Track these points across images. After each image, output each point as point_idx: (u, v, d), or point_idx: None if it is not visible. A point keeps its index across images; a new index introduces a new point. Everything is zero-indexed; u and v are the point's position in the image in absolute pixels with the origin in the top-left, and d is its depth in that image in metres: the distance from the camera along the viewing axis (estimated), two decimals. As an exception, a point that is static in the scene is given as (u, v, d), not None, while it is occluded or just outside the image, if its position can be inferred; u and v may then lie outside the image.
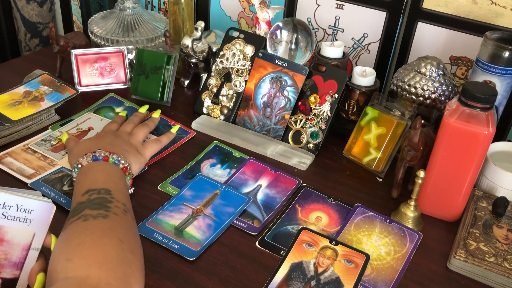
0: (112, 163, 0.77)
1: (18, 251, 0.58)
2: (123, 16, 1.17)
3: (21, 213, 0.57)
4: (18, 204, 0.57)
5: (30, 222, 0.58)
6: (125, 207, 0.68)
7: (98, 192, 0.68)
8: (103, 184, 0.71)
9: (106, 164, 0.76)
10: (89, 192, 0.68)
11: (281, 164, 0.93)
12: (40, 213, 0.58)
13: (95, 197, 0.67)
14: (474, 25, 1.01)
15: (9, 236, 0.57)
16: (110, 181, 0.73)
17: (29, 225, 0.58)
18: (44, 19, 1.63)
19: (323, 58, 1.02)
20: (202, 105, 1.05)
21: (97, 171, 0.74)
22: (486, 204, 0.82)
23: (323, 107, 0.96)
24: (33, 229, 0.58)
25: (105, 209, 0.65)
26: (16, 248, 0.57)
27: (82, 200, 0.67)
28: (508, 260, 0.72)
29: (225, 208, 0.81)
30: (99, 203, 0.65)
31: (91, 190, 0.69)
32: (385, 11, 1.08)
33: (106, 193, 0.68)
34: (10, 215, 0.57)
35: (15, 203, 0.57)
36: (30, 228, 0.58)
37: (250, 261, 0.73)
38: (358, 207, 0.83)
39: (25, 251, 0.58)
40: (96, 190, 0.68)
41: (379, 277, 0.71)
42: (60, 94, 1.02)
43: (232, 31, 1.05)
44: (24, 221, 0.58)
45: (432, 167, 0.80)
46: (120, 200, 0.69)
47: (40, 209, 0.58)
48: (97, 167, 0.75)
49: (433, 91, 0.92)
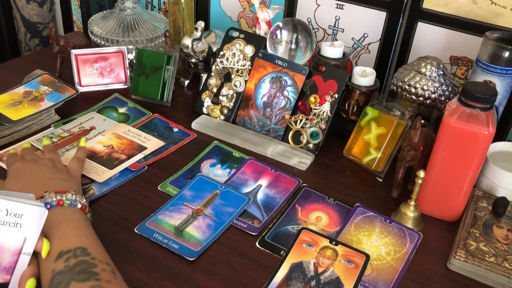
0: (68, 205, 0.65)
1: (9, 255, 0.57)
2: (123, 16, 1.17)
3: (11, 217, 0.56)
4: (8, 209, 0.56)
5: (21, 226, 0.57)
6: (109, 267, 0.59)
7: (74, 255, 0.58)
8: (74, 241, 0.60)
9: (64, 210, 0.65)
10: (63, 256, 0.58)
11: (281, 164, 0.93)
12: (31, 217, 0.57)
13: (73, 263, 0.57)
14: (474, 25, 1.01)
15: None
16: (80, 234, 0.62)
17: (20, 229, 0.57)
18: (44, 19, 1.63)
19: (323, 58, 1.02)
20: (202, 105, 1.05)
21: (58, 224, 0.62)
22: (486, 204, 0.82)
23: (323, 107, 0.96)
24: (24, 234, 0.57)
25: (94, 278, 0.56)
26: (6, 253, 0.56)
27: (59, 268, 0.57)
28: (508, 260, 0.72)
29: (225, 208, 0.81)
30: (83, 271, 0.57)
31: (64, 252, 0.59)
32: (385, 11, 1.08)
33: (83, 253, 0.59)
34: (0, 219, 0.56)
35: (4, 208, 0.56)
36: (21, 233, 0.57)
37: (250, 261, 0.73)
38: (358, 207, 0.83)
39: (15, 255, 0.57)
40: (70, 251, 0.59)
41: (379, 277, 0.71)
42: (60, 94, 1.02)
43: (232, 31, 1.05)
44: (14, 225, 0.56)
45: (432, 167, 0.80)
46: (102, 259, 0.60)
47: (31, 214, 0.57)
48: (55, 218, 0.63)
49: (433, 91, 0.92)
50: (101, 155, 0.90)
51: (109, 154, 0.90)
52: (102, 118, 1.01)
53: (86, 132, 0.95)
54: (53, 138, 0.93)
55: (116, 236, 0.75)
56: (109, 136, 0.95)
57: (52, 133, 0.95)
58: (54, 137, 0.93)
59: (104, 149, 0.91)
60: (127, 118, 1.02)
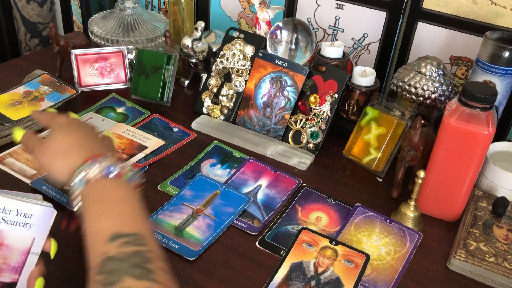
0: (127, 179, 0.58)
1: (18, 255, 0.57)
2: (123, 16, 1.17)
3: (21, 217, 0.57)
4: (18, 209, 0.57)
5: (30, 226, 0.58)
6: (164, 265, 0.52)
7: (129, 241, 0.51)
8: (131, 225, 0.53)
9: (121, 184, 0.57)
10: (118, 239, 0.51)
11: (281, 164, 0.93)
12: (40, 217, 0.58)
13: (129, 252, 0.50)
14: (474, 25, 1.01)
15: (8, 241, 0.57)
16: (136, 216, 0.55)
17: (29, 229, 0.58)
18: (44, 19, 1.63)
19: (323, 58, 1.02)
20: (202, 105, 1.05)
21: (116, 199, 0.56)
22: (486, 204, 0.82)
23: (323, 107, 0.96)
24: (33, 234, 0.58)
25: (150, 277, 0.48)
26: (15, 253, 0.57)
27: (111, 253, 0.50)
28: (508, 260, 0.72)
29: (225, 208, 0.81)
30: (139, 265, 0.49)
31: (119, 235, 0.51)
32: (385, 11, 1.08)
33: (138, 242, 0.52)
34: (10, 219, 0.57)
35: (15, 208, 0.57)
36: (30, 233, 0.58)
37: (250, 261, 0.73)
38: (358, 207, 0.83)
39: (24, 255, 0.58)
40: (126, 236, 0.52)
41: (379, 277, 0.71)
42: (60, 94, 1.02)
43: (232, 31, 1.05)
44: (24, 225, 0.57)
45: (432, 167, 0.80)
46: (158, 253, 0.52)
47: (40, 214, 0.58)
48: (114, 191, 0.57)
49: (433, 91, 0.92)
50: (101, 155, 0.90)
51: (109, 154, 0.90)
52: (101, 118, 1.01)
53: (86, 132, 0.95)
54: None
55: (116, 236, 0.75)
56: (109, 136, 0.95)
57: (52, 133, 0.95)
58: None
59: (104, 149, 0.91)
60: (126, 118, 1.02)
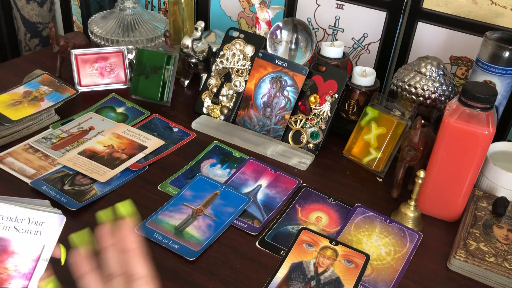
0: None
1: (28, 262, 0.58)
2: (123, 16, 1.17)
3: (32, 225, 0.58)
4: (30, 217, 0.57)
5: (41, 234, 0.58)
6: None
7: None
8: None
9: None
10: None
11: (281, 164, 0.93)
12: (50, 225, 0.58)
13: None
14: (474, 25, 1.00)
15: (20, 249, 0.57)
16: None
17: (40, 237, 0.58)
18: (44, 19, 1.63)
19: (323, 58, 1.02)
20: (202, 105, 1.05)
21: None
22: (486, 204, 0.82)
23: (323, 107, 0.96)
24: (43, 241, 0.58)
25: None
26: (26, 260, 0.58)
27: None
28: (508, 260, 0.72)
29: (225, 208, 0.81)
30: None
31: None
32: (385, 11, 1.08)
33: None
34: (22, 228, 0.57)
35: (27, 216, 0.57)
36: (41, 240, 0.58)
37: (250, 261, 0.73)
38: (358, 207, 0.83)
39: (34, 262, 0.58)
40: None
41: (379, 277, 0.71)
42: (60, 94, 1.02)
43: (232, 31, 1.05)
44: (35, 233, 0.58)
45: (432, 167, 0.80)
46: None
47: (51, 221, 0.58)
48: None
49: (433, 91, 0.92)
50: (102, 155, 0.90)
51: (110, 154, 0.90)
52: (101, 118, 1.01)
53: (85, 133, 0.95)
54: (52, 139, 0.93)
55: (116, 236, 0.75)
56: (108, 136, 0.95)
57: (51, 134, 0.94)
58: (53, 138, 0.93)
59: (105, 149, 0.91)
60: (126, 118, 1.02)
